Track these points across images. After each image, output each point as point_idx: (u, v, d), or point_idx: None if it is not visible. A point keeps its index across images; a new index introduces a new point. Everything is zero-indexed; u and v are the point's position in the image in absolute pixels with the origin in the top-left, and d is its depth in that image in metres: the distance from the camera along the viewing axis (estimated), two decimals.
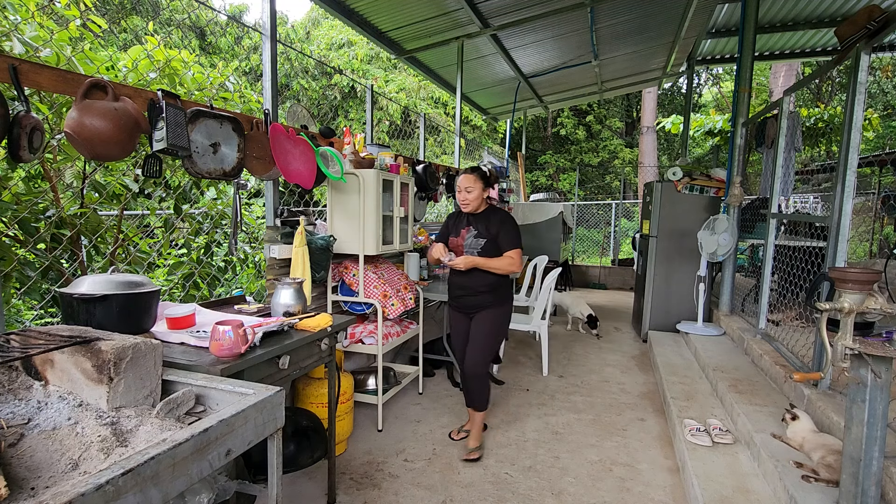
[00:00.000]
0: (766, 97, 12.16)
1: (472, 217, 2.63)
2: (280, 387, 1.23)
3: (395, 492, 2.29)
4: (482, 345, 2.57)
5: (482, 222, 2.57)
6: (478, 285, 2.56)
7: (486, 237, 2.54)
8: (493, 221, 2.56)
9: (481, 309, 2.59)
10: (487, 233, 2.54)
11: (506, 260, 2.51)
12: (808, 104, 11.55)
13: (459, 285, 2.63)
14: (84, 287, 1.46)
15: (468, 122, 11.45)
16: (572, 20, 4.93)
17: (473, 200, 2.55)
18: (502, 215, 2.60)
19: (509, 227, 2.55)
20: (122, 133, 1.61)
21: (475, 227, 2.58)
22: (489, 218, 2.58)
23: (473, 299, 2.60)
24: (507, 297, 2.64)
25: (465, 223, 2.62)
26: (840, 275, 1.65)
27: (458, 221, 2.68)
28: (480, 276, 2.55)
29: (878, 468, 1.57)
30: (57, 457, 0.94)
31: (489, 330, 2.58)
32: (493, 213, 2.61)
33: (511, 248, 2.53)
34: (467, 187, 2.55)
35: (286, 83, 9.30)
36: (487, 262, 2.50)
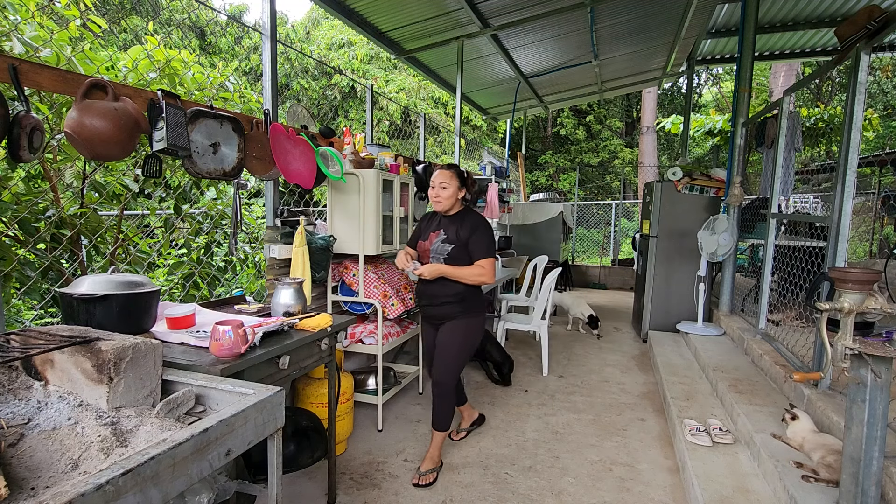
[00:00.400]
0: (766, 97, 12.16)
1: (444, 219, 2.42)
2: (280, 387, 1.23)
3: (395, 492, 2.29)
4: (448, 359, 2.37)
5: (453, 225, 2.37)
6: (443, 294, 2.36)
7: (455, 242, 2.33)
8: (465, 225, 2.35)
9: (448, 320, 2.40)
10: (457, 237, 2.33)
11: (475, 269, 2.30)
12: (808, 104, 11.55)
13: (424, 293, 2.44)
14: (84, 287, 1.46)
15: (468, 122, 11.45)
16: (572, 20, 4.92)
17: (447, 199, 2.34)
18: (475, 219, 2.38)
19: (482, 233, 2.33)
20: (122, 133, 1.61)
21: (445, 230, 2.38)
22: (461, 221, 2.37)
23: (439, 309, 2.40)
24: (477, 309, 2.43)
25: (436, 225, 2.43)
26: (840, 275, 1.65)
27: (430, 223, 2.48)
28: (446, 285, 2.35)
29: (878, 468, 1.57)
30: (57, 457, 0.94)
31: (455, 342, 2.38)
32: (466, 217, 2.39)
33: (482, 256, 2.31)
34: (441, 183, 2.34)
35: (286, 83, 9.30)
36: (454, 272, 2.29)
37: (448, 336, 2.39)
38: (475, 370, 3.95)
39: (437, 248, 2.35)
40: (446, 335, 2.40)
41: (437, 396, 2.42)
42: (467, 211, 2.43)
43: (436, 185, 2.35)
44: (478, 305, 2.44)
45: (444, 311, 2.39)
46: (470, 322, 2.41)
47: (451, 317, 2.39)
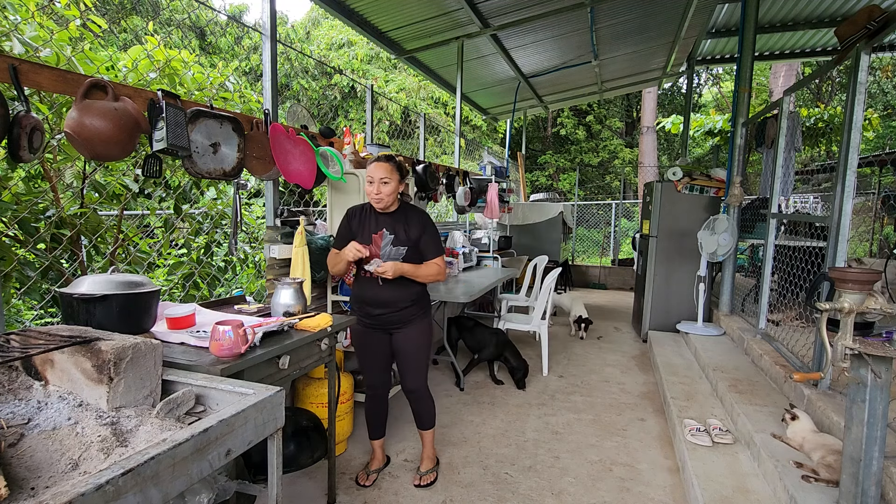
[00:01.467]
0: (766, 97, 12.15)
1: (383, 217, 2.17)
2: (280, 387, 1.23)
3: (395, 492, 2.29)
4: (419, 363, 2.28)
5: (399, 224, 2.15)
6: (403, 299, 2.18)
7: (407, 243, 2.14)
8: (413, 223, 2.16)
9: (405, 325, 2.23)
10: (407, 237, 2.14)
11: (433, 268, 2.17)
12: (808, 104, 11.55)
13: (378, 301, 2.19)
14: (84, 287, 1.46)
15: (468, 122, 11.45)
16: (572, 20, 4.93)
17: (388, 195, 2.09)
18: (422, 215, 2.21)
19: (433, 231, 2.20)
20: (122, 133, 1.61)
21: (391, 230, 2.15)
22: (407, 218, 2.17)
23: (397, 315, 2.21)
24: (429, 307, 2.34)
25: (375, 225, 2.16)
26: (840, 275, 1.65)
27: (364, 222, 2.18)
28: (406, 288, 2.18)
29: (878, 468, 1.57)
30: (57, 457, 0.94)
31: (422, 345, 2.28)
32: (410, 213, 2.19)
33: (436, 254, 2.18)
34: (383, 178, 2.07)
35: (286, 83, 9.30)
36: (417, 271, 2.14)
37: (412, 342, 2.25)
38: (476, 370, 3.95)
39: (390, 252, 2.14)
40: (409, 341, 2.25)
41: (415, 402, 2.37)
42: (407, 207, 2.22)
43: (375, 179, 2.08)
44: (429, 304, 2.36)
45: (402, 316, 2.21)
46: (427, 322, 2.31)
47: (409, 321, 2.23)
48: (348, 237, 2.16)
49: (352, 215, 2.22)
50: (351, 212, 2.23)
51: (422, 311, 2.26)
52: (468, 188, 4.73)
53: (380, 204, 2.11)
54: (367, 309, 2.23)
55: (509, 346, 3.71)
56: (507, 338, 3.74)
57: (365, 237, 2.14)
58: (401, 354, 2.28)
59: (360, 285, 2.24)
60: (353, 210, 2.23)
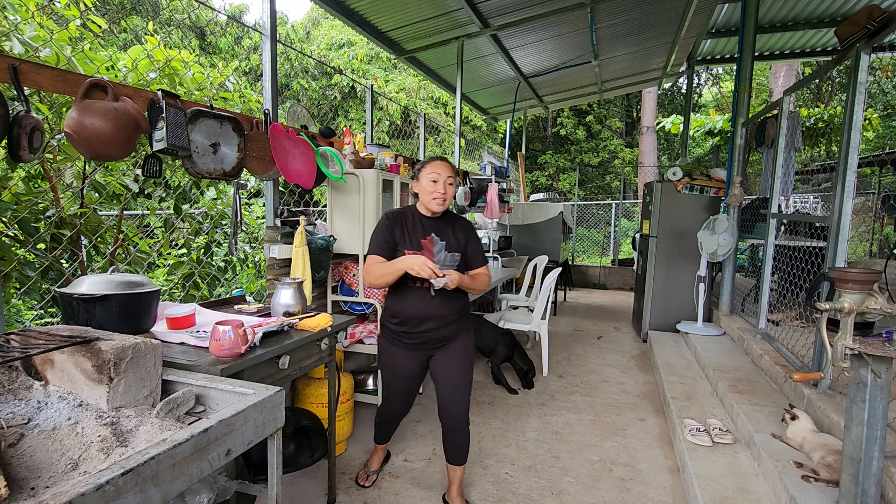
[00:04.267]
0: (766, 97, 12.15)
1: (430, 222, 1.98)
2: (280, 387, 1.23)
3: (395, 492, 2.29)
4: (464, 386, 2.04)
5: (446, 229, 1.99)
6: (453, 311, 1.99)
7: (458, 250, 1.98)
8: (459, 229, 2.01)
9: (451, 340, 2.02)
10: (458, 244, 1.98)
11: (486, 278, 2.02)
12: (808, 104, 11.55)
13: (427, 315, 1.95)
14: (84, 287, 1.46)
15: (468, 122, 11.45)
16: (572, 20, 4.92)
17: (451, 198, 1.95)
18: (465, 222, 2.08)
19: (477, 238, 2.06)
20: (122, 133, 1.61)
21: (441, 236, 1.97)
22: (453, 225, 2.02)
23: (444, 331, 2.00)
24: (470, 322, 2.14)
25: (422, 230, 1.96)
26: (840, 275, 1.65)
27: (411, 227, 1.96)
28: (456, 299, 2.00)
29: (878, 468, 1.57)
30: (57, 457, 0.94)
31: (466, 364, 2.05)
32: (454, 218, 2.06)
33: (484, 262, 2.04)
34: (450, 178, 1.92)
35: (286, 83, 9.30)
36: (473, 281, 1.98)
37: (457, 360, 2.03)
38: (477, 370, 3.95)
39: (445, 259, 1.95)
40: (454, 360, 2.03)
41: (456, 433, 2.06)
42: (449, 212, 2.07)
43: (441, 179, 1.90)
44: (470, 319, 2.17)
45: (449, 331, 2.01)
46: (471, 337, 2.12)
47: (455, 336, 2.03)
48: (392, 244, 1.93)
49: (394, 220, 1.96)
50: (392, 216, 1.97)
51: (467, 324, 2.08)
52: (468, 188, 4.74)
53: (443, 206, 1.93)
54: (410, 326, 1.98)
55: (517, 348, 3.70)
56: (514, 338, 3.72)
57: (413, 245, 1.94)
58: (443, 376, 2.03)
59: (403, 299, 1.97)
60: (394, 215, 1.98)
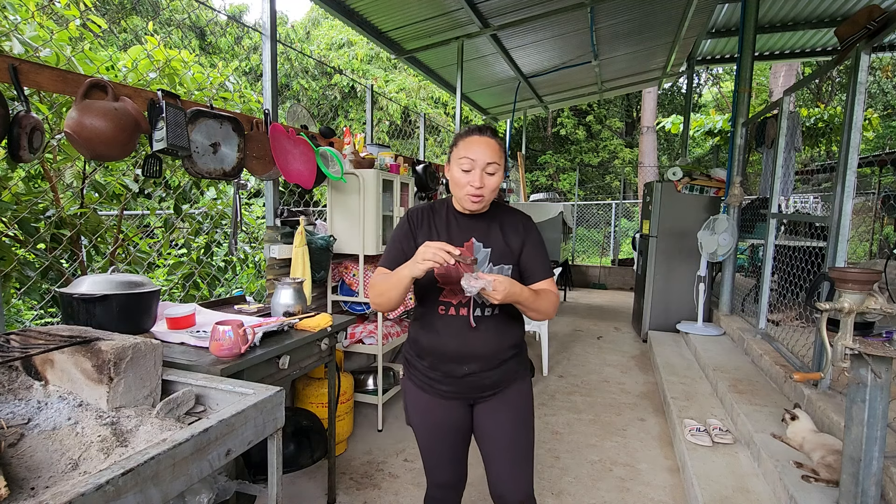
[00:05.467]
0: (766, 97, 12.15)
1: (467, 221, 1.39)
2: (280, 387, 1.23)
3: (395, 492, 2.29)
4: (521, 450, 1.42)
5: (492, 231, 1.38)
6: (503, 347, 1.38)
7: (510, 259, 1.36)
8: (511, 228, 1.39)
9: (501, 389, 1.41)
10: (508, 249, 1.36)
11: (553, 297, 1.35)
12: (808, 104, 11.55)
13: (468, 354, 1.35)
14: (84, 287, 1.46)
15: (468, 122, 11.44)
16: (572, 20, 4.92)
17: (493, 191, 1.33)
18: (520, 216, 1.43)
19: (538, 239, 1.41)
20: (122, 133, 1.61)
21: (483, 239, 1.37)
22: (502, 222, 1.39)
23: (493, 375, 1.38)
24: (527, 359, 1.52)
25: (458, 233, 1.38)
26: (840, 275, 1.65)
27: (440, 231, 1.39)
28: (508, 330, 1.39)
29: (878, 468, 1.57)
30: (57, 457, 0.94)
31: (525, 418, 1.43)
32: (505, 213, 1.42)
33: (547, 274, 1.38)
34: (490, 163, 1.28)
35: (286, 83, 9.30)
36: (536, 299, 1.30)
37: (511, 417, 1.41)
38: None
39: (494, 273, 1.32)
40: (507, 416, 1.41)
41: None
42: (499, 205, 1.44)
43: (477, 166, 1.28)
44: (527, 355, 1.53)
45: (498, 376, 1.39)
46: (530, 384, 1.48)
47: (508, 381, 1.41)
48: (410, 254, 1.31)
49: (417, 221, 1.41)
50: (416, 216, 1.43)
51: (524, 364, 1.47)
52: None
53: (478, 204, 1.32)
54: (443, 369, 1.38)
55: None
56: None
57: None
58: (492, 439, 1.41)
59: (432, 330, 1.38)
60: (419, 213, 1.43)
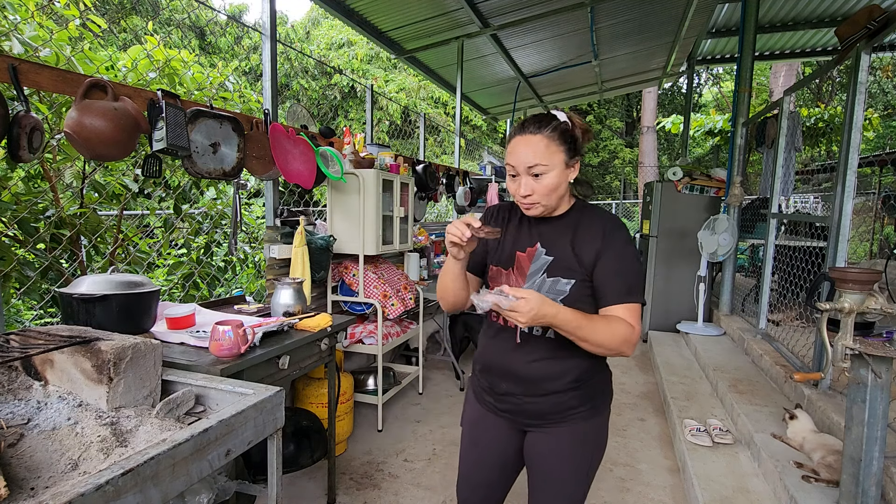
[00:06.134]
0: (767, 97, 12.16)
1: (539, 226, 1.22)
2: (280, 387, 1.23)
3: (395, 492, 2.29)
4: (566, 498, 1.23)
5: (565, 237, 1.17)
6: (555, 375, 1.20)
7: (576, 273, 1.15)
8: (587, 237, 1.15)
9: (555, 422, 1.23)
10: (575, 262, 1.15)
11: (621, 329, 1.11)
12: (808, 104, 11.55)
13: (509, 371, 1.23)
14: (84, 287, 1.46)
15: (468, 122, 11.45)
16: (572, 20, 4.92)
17: (548, 194, 1.12)
18: (608, 224, 1.16)
19: (623, 249, 1.14)
20: (122, 133, 1.61)
21: (549, 246, 1.18)
22: (579, 228, 1.17)
23: (539, 403, 1.22)
24: (605, 398, 1.29)
25: (528, 237, 1.22)
26: (840, 275, 1.65)
27: (512, 228, 1.26)
28: (566, 355, 1.19)
29: (879, 468, 1.57)
30: (57, 457, 0.94)
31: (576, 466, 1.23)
32: (588, 218, 1.18)
33: (619, 298, 1.13)
34: (533, 166, 1.09)
35: (286, 83, 9.30)
36: (582, 327, 1.07)
37: (558, 456, 1.23)
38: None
39: (542, 286, 1.17)
40: (554, 455, 1.24)
41: None
42: (584, 208, 1.21)
43: (519, 171, 1.11)
44: (606, 392, 1.30)
45: (548, 406, 1.22)
46: (598, 425, 1.26)
47: (561, 417, 1.22)
48: (480, 254, 1.26)
49: (489, 218, 1.32)
50: (490, 212, 1.33)
51: (589, 402, 1.24)
52: (468, 188, 4.73)
53: (534, 210, 1.16)
54: (489, 379, 1.29)
55: None
56: None
57: (505, 256, 1.23)
58: (538, 475, 1.26)
59: (486, 334, 1.31)
60: (494, 210, 1.32)
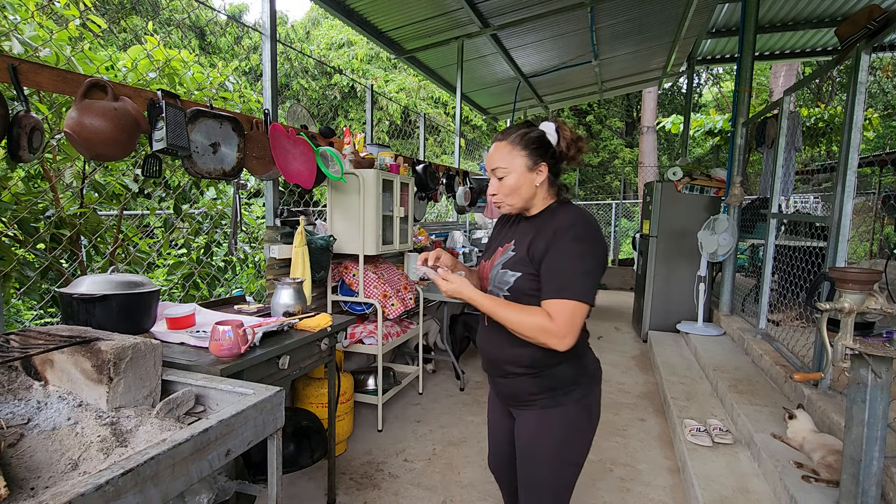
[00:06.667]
0: (767, 97, 12.15)
1: (523, 223, 1.35)
2: (280, 387, 1.23)
3: (394, 492, 2.29)
4: (533, 479, 1.33)
5: (530, 234, 1.27)
6: (506, 358, 1.32)
7: (525, 268, 1.25)
8: (544, 234, 1.24)
9: (524, 406, 1.34)
10: (529, 258, 1.25)
11: (536, 318, 1.17)
12: (808, 104, 11.55)
13: (483, 351, 1.42)
14: (84, 287, 1.46)
15: (468, 122, 11.45)
16: (572, 20, 4.92)
17: (510, 195, 1.28)
18: (562, 223, 1.23)
19: (566, 249, 1.19)
20: (122, 133, 1.61)
21: (519, 243, 1.29)
22: (543, 227, 1.26)
23: (508, 384, 1.35)
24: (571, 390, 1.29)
25: (509, 234, 1.37)
26: (840, 275, 1.64)
27: (504, 228, 1.43)
28: (513, 341, 1.27)
29: (879, 468, 1.57)
30: (57, 457, 0.94)
31: (542, 450, 1.32)
32: (550, 218, 1.27)
33: (554, 294, 1.18)
34: (496, 168, 1.28)
35: (286, 83, 9.30)
36: (493, 312, 1.22)
37: (528, 438, 1.34)
38: (476, 370, 3.94)
39: (497, 277, 1.30)
40: (524, 440, 1.35)
41: None
42: (558, 208, 1.30)
43: (492, 173, 1.30)
44: (574, 386, 1.30)
45: (517, 389, 1.33)
46: (564, 418, 1.30)
47: (527, 401, 1.33)
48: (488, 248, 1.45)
49: (502, 219, 1.47)
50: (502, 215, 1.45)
51: (549, 390, 1.29)
52: (468, 188, 4.73)
53: (508, 209, 1.32)
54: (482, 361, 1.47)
55: None
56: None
57: (489, 253, 1.41)
58: (517, 454, 1.39)
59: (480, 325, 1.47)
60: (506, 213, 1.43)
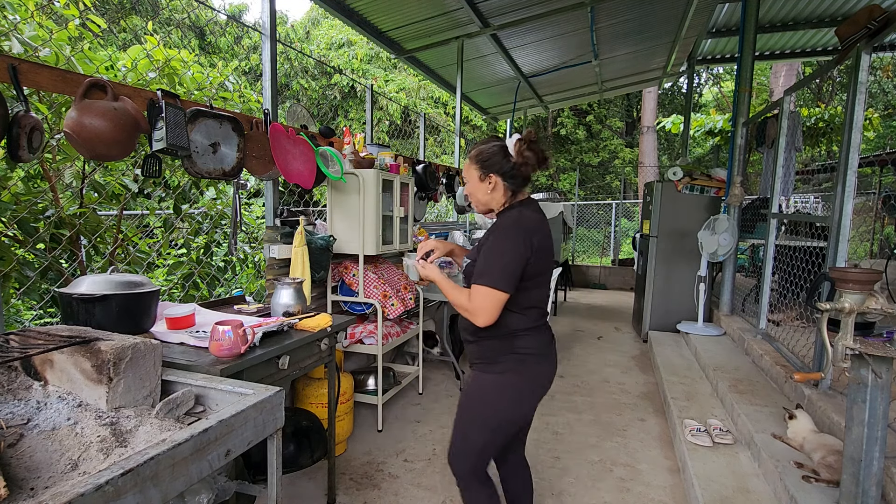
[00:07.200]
0: (767, 97, 12.15)
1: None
2: (280, 387, 1.23)
3: (394, 492, 2.29)
4: (459, 428, 1.62)
5: (489, 230, 1.60)
6: (463, 324, 1.60)
7: (474, 255, 1.58)
8: (490, 230, 1.57)
9: (472, 366, 1.63)
10: (479, 248, 1.57)
11: (462, 296, 1.48)
12: (808, 104, 11.55)
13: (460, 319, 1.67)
14: (83, 287, 1.45)
15: (468, 122, 11.45)
16: (572, 20, 4.92)
17: (471, 199, 1.64)
18: (500, 223, 1.54)
19: (493, 246, 1.48)
20: (122, 133, 1.61)
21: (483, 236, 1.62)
22: (494, 225, 1.59)
23: (467, 347, 1.65)
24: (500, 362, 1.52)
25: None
26: (840, 275, 1.64)
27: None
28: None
29: (879, 468, 1.56)
30: (56, 457, 0.94)
31: (465, 406, 1.60)
32: (499, 218, 1.59)
33: (477, 279, 1.45)
34: (464, 178, 1.68)
35: (286, 83, 9.30)
36: (446, 293, 1.54)
37: (464, 390, 1.63)
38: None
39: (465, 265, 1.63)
40: (465, 388, 1.64)
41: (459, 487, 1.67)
42: (510, 208, 1.58)
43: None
44: (505, 355, 1.52)
45: (471, 353, 1.63)
46: (490, 383, 1.54)
47: (472, 362, 1.63)
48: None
49: None
50: None
51: (484, 358, 1.56)
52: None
53: (478, 210, 1.66)
54: None
55: None
56: None
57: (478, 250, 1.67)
58: None
59: None
60: None
